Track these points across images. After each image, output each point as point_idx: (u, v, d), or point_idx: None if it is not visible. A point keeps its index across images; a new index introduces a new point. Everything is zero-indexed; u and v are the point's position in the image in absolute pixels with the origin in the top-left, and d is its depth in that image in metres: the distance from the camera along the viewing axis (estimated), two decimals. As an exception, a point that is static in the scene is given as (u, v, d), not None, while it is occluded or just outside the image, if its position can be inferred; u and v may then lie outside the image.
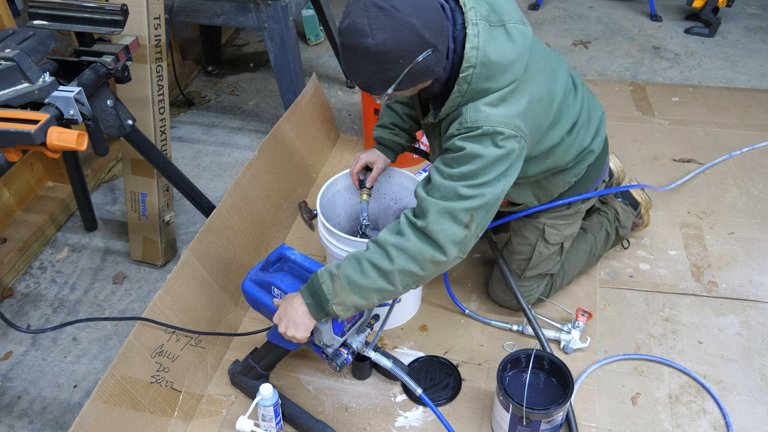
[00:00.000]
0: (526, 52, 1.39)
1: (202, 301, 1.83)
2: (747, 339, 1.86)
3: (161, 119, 2.12)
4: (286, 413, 1.67)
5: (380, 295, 1.37)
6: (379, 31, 1.23)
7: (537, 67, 1.43)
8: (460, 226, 1.34)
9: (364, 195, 1.85)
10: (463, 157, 1.35)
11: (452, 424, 1.60)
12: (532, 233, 1.82)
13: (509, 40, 1.37)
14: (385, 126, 1.86)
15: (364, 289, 1.35)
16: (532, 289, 1.90)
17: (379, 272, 1.34)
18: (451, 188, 1.34)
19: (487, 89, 1.36)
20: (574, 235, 1.87)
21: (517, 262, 1.87)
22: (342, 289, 1.34)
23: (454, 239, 1.34)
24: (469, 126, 1.35)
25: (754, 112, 2.84)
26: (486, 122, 1.34)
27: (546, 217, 1.79)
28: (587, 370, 1.77)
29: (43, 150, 1.42)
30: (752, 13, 3.80)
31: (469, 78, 1.35)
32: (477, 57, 1.33)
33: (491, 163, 1.34)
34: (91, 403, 1.46)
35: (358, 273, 1.35)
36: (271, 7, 2.45)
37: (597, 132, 1.69)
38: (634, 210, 2.09)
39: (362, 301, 1.36)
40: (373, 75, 1.31)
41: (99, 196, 2.63)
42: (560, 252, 1.87)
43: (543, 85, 1.44)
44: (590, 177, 1.76)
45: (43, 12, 1.70)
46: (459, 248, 1.36)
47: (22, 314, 2.14)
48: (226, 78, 3.44)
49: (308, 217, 2.36)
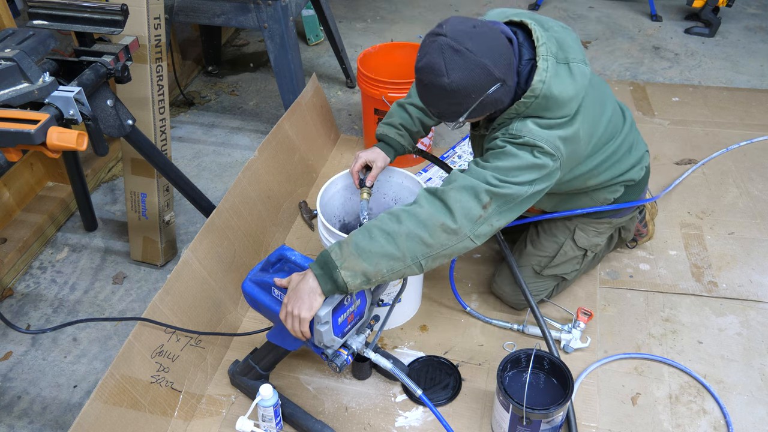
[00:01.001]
0: (583, 90, 1.49)
1: (202, 301, 1.83)
2: (747, 339, 1.86)
3: (161, 119, 2.12)
4: (286, 413, 1.67)
5: (388, 264, 1.36)
6: (454, 72, 1.34)
7: (587, 105, 1.52)
8: (477, 204, 1.39)
9: (365, 194, 1.85)
10: (501, 154, 1.44)
11: (452, 424, 1.61)
12: (562, 233, 1.87)
13: (571, 78, 1.47)
14: (392, 125, 1.87)
15: (371, 253, 1.35)
16: (541, 290, 1.90)
17: (386, 235, 1.36)
18: (482, 173, 1.42)
19: (540, 116, 1.46)
20: (599, 249, 1.92)
21: (538, 259, 1.88)
22: (350, 254, 1.35)
23: (468, 213, 1.38)
24: (513, 134, 1.45)
25: (755, 112, 2.84)
26: (529, 135, 1.43)
27: (580, 220, 1.85)
28: (587, 370, 1.77)
29: (43, 150, 1.42)
30: (752, 13, 3.80)
31: (529, 104, 1.45)
32: (542, 90, 1.42)
33: (524, 167, 1.43)
34: (91, 403, 1.46)
35: (366, 238, 1.37)
36: (271, 7, 2.45)
37: (635, 164, 1.79)
38: (638, 213, 2.08)
39: (370, 268, 1.35)
40: (448, 107, 1.42)
41: (99, 196, 2.63)
42: (582, 260, 1.90)
43: (590, 119, 1.54)
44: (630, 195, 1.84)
45: (43, 12, 1.70)
46: (471, 226, 1.39)
47: (22, 314, 2.14)
48: (226, 78, 3.44)
49: (308, 217, 2.36)
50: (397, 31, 3.79)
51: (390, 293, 1.81)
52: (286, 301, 1.40)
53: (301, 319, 1.36)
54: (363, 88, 2.49)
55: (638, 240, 2.15)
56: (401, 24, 3.88)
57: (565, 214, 1.83)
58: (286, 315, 1.40)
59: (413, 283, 1.88)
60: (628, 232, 2.04)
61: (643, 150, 1.83)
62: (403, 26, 3.85)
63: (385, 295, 1.80)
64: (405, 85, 2.40)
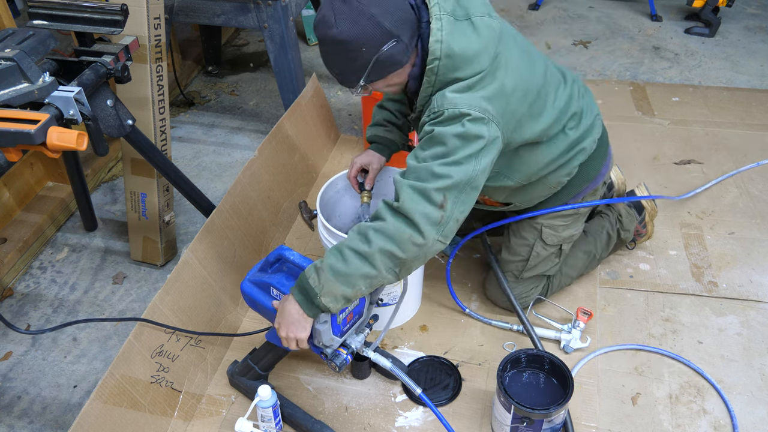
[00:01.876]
0: (492, 43, 1.43)
1: (202, 301, 1.83)
2: (747, 339, 1.86)
3: (161, 119, 2.12)
4: (286, 413, 1.67)
5: (366, 282, 1.37)
6: (342, 21, 1.34)
7: (509, 57, 1.46)
8: (433, 206, 1.36)
9: (365, 197, 1.84)
10: (431, 140, 1.40)
11: (452, 424, 1.60)
12: (530, 234, 1.83)
13: (475, 32, 1.42)
14: (378, 124, 1.87)
15: (348, 276, 1.35)
16: (529, 291, 1.90)
17: (359, 257, 1.35)
18: (424, 169, 1.38)
19: (454, 79, 1.41)
20: (575, 238, 1.87)
21: (514, 264, 1.88)
22: (327, 280, 1.35)
23: (429, 219, 1.36)
24: (435, 111, 1.40)
25: (754, 112, 2.84)
26: (451, 106, 1.38)
27: (544, 217, 1.80)
28: (584, 359, 1.78)
29: (43, 150, 1.42)
30: (752, 13, 3.80)
31: (436, 69, 1.41)
32: (441, 49, 1.39)
33: (460, 145, 1.37)
34: (91, 403, 1.46)
35: (340, 261, 1.36)
36: (271, 7, 2.45)
37: (589, 131, 1.70)
38: (638, 214, 2.08)
39: (349, 290, 1.36)
40: (343, 65, 1.42)
41: (99, 196, 2.63)
42: (559, 254, 1.87)
43: (515, 74, 1.47)
44: (584, 176, 1.76)
45: (43, 12, 1.70)
46: (437, 230, 1.36)
47: (22, 314, 2.14)
48: (226, 78, 3.44)
49: (308, 217, 2.36)
50: (397, 31, 3.79)
51: (390, 293, 1.81)
52: (278, 327, 1.44)
53: (299, 339, 1.43)
54: (363, 88, 2.48)
55: (637, 240, 2.15)
56: (401, 24, 3.87)
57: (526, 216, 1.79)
58: (285, 340, 1.45)
59: (413, 283, 1.88)
60: (627, 233, 2.03)
61: (594, 114, 1.73)
62: (403, 26, 3.84)
63: (385, 294, 1.80)
64: (405, 85, 2.39)
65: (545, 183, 1.71)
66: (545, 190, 1.74)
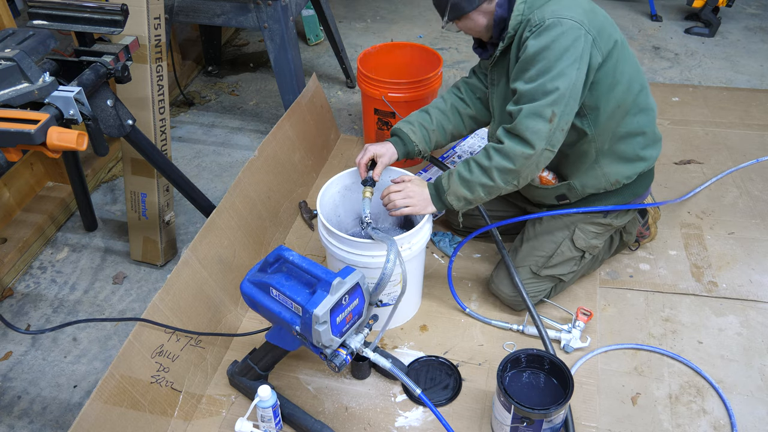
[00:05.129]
0: None
1: (202, 301, 1.83)
2: (747, 339, 1.86)
3: (161, 119, 2.12)
4: (286, 413, 1.67)
5: (485, 190, 1.65)
6: None
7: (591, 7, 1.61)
8: (544, 121, 1.53)
9: (367, 192, 1.84)
10: (533, 59, 1.54)
11: (452, 424, 1.61)
12: (561, 232, 1.87)
13: None
14: (407, 121, 1.91)
15: (470, 182, 1.65)
16: (542, 289, 1.90)
17: (481, 169, 1.64)
18: (535, 89, 1.53)
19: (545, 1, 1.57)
20: (596, 252, 1.91)
21: (535, 258, 1.88)
22: (453, 183, 1.68)
23: (539, 134, 1.54)
24: (537, 23, 1.53)
25: (754, 112, 2.84)
26: (552, 15, 1.52)
27: (581, 219, 1.85)
28: (583, 357, 1.78)
29: (43, 150, 1.42)
30: (752, 13, 3.81)
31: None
32: None
33: (562, 50, 1.50)
34: (91, 403, 1.46)
35: (466, 171, 1.66)
36: (271, 7, 2.45)
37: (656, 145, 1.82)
38: (641, 218, 2.08)
39: (469, 194, 1.67)
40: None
41: (99, 196, 2.63)
42: (579, 261, 1.89)
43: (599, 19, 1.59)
44: (634, 190, 1.85)
45: (43, 12, 1.70)
46: (546, 141, 1.55)
47: (22, 314, 2.14)
48: (226, 78, 3.44)
49: (308, 217, 2.36)
50: (397, 31, 3.79)
51: (389, 293, 1.81)
52: (402, 188, 1.75)
53: (411, 205, 1.74)
54: (363, 88, 2.49)
55: (641, 242, 2.15)
56: (401, 24, 3.88)
57: (570, 212, 1.83)
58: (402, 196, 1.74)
59: (413, 283, 1.88)
60: (629, 235, 2.03)
61: (660, 140, 1.85)
62: (403, 26, 3.85)
63: (384, 295, 1.80)
64: (405, 84, 2.40)
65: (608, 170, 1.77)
66: (602, 181, 1.79)
